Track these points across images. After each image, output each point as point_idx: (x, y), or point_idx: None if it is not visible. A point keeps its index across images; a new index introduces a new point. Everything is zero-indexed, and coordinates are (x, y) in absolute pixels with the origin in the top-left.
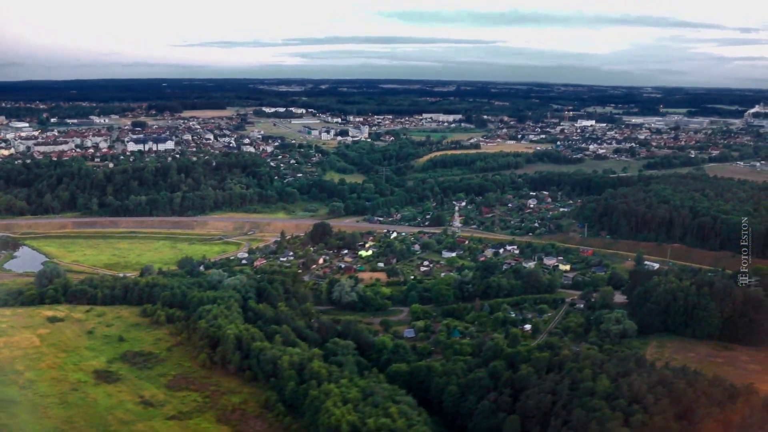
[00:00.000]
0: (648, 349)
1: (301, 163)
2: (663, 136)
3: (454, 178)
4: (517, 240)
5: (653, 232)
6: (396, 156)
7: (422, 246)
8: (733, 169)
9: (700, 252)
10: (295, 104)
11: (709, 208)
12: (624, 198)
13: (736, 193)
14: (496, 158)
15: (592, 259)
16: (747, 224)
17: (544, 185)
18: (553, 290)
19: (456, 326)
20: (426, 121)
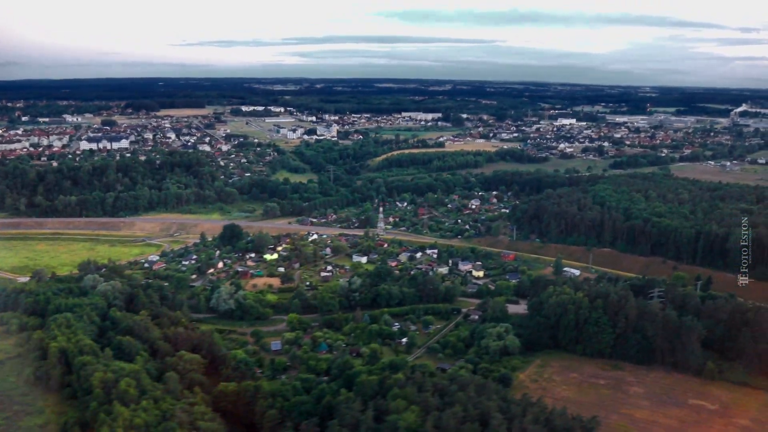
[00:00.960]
0: (529, 368)
1: (252, 162)
2: (641, 134)
3: (405, 177)
4: (440, 243)
5: (583, 235)
6: (353, 155)
7: (333, 250)
8: (702, 168)
9: (629, 257)
10: (276, 103)
11: (643, 210)
12: (555, 199)
13: (679, 194)
14: (455, 157)
15: (509, 265)
16: (676, 228)
17: (496, 185)
18: (452, 299)
19: (327, 339)
20: (404, 120)
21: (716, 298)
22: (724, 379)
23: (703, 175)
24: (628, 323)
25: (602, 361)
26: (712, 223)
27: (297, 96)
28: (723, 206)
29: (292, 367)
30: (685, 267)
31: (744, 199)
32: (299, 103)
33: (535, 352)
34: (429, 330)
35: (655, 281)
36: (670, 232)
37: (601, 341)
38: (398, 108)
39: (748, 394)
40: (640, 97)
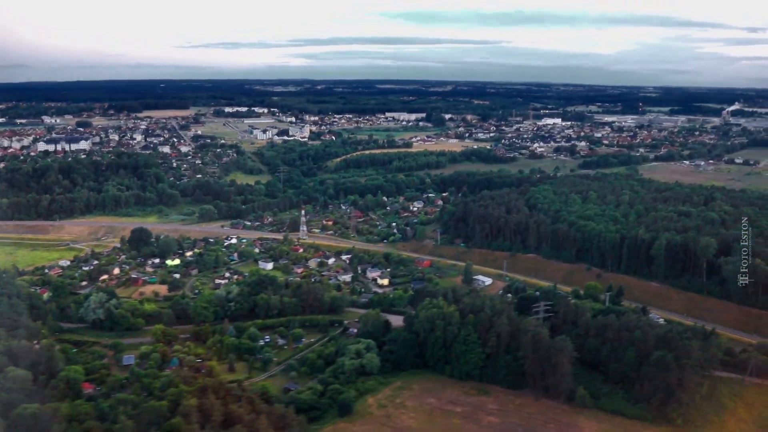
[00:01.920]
0: (384, 391)
1: (207, 163)
2: (623, 134)
3: (358, 179)
4: (359, 248)
5: (508, 240)
6: (314, 156)
7: (240, 255)
8: (674, 168)
9: (553, 264)
10: (262, 104)
11: (573, 213)
12: (483, 201)
13: (619, 195)
14: (416, 158)
15: (419, 272)
16: (600, 232)
17: (451, 186)
18: (339, 310)
19: (182, 353)
20: (387, 120)
21: (621, 312)
22: (599, 407)
23: (672, 175)
24: (499, 342)
25: (470, 385)
26: (639, 228)
27: (287, 97)
28: (661, 208)
29: (131, 384)
30: (609, 275)
31: (690, 200)
32: (285, 104)
33: (400, 372)
34: (299, 344)
35: (552, 293)
36: (594, 237)
37: (469, 362)
38: (384, 108)
39: (617, 426)
40: (640, 98)
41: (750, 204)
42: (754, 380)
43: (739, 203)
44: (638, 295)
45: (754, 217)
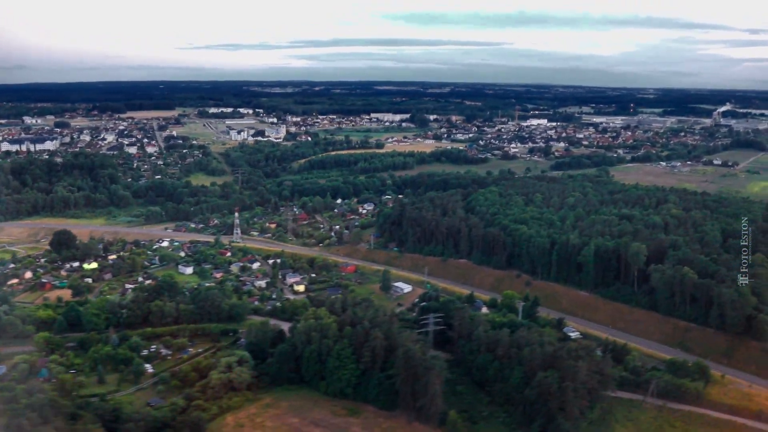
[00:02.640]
0: (248, 408)
1: (169, 164)
2: (606, 135)
3: (318, 180)
4: (289, 252)
5: (441, 244)
6: (280, 157)
7: (161, 259)
8: (649, 169)
9: (484, 270)
10: (249, 105)
11: (508, 216)
12: (419, 203)
13: (566, 197)
14: (383, 159)
15: (337, 279)
16: (530, 237)
17: (411, 187)
18: (240, 318)
19: (59, 363)
20: (370, 121)
21: (521, 325)
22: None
23: (644, 176)
24: (374, 358)
25: (343, 404)
26: (572, 232)
27: (283, 98)
28: (605, 211)
29: None
30: (539, 282)
31: (641, 203)
32: (271, 105)
33: (276, 388)
34: (184, 355)
35: (450, 304)
36: (524, 242)
37: (342, 379)
38: (371, 109)
39: None
40: (637, 99)
41: (704, 207)
42: (655, 402)
43: (691, 206)
44: (566, 304)
45: (700, 220)
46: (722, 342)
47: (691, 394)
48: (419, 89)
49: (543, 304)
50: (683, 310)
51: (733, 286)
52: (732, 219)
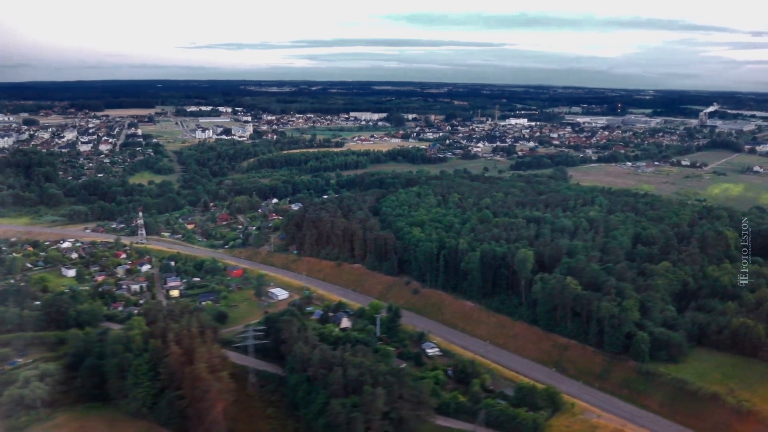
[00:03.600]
0: (34, 429)
1: (115, 162)
2: (582, 135)
3: (259, 180)
4: (184, 254)
5: (337, 248)
6: (232, 155)
7: (46, 260)
8: (612, 169)
9: (376, 276)
10: (230, 103)
11: (408, 218)
12: (320, 204)
13: (482, 198)
14: (336, 158)
15: (217, 282)
16: (419, 241)
17: (354, 187)
18: (92, 325)
19: None
20: (348, 120)
21: (358, 341)
22: None
23: (604, 177)
24: (172, 376)
25: (140, 425)
26: (465, 236)
27: (262, 96)
28: (517, 213)
29: None
30: (427, 290)
31: (564, 204)
32: (252, 104)
33: (79, 405)
34: (7, 366)
35: (284, 315)
36: (412, 247)
37: (137, 397)
38: (352, 108)
39: None
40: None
41: (632, 209)
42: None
43: (617, 208)
44: (449, 315)
45: (615, 224)
46: (599, 362)
47: (527, 425)
48: (416, 89)
49: (427, 315)
50: (564, 325)
51: (616, 299)
52: (655, 223)
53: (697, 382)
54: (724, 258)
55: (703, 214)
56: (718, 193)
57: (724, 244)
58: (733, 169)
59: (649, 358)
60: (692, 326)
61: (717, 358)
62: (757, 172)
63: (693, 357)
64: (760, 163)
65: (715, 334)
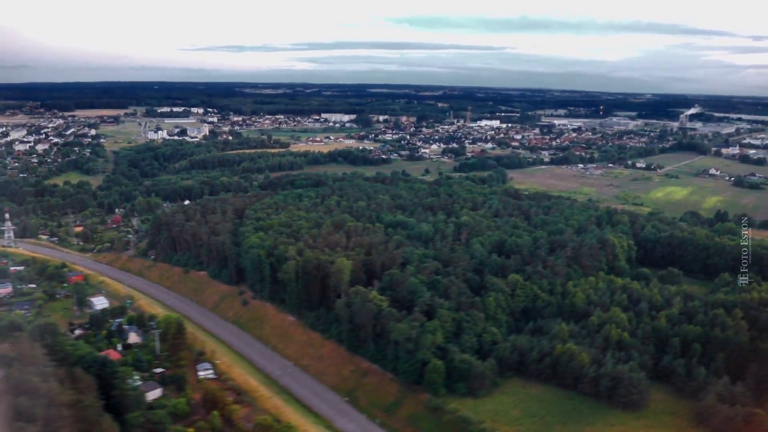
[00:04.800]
0: None
1: (43, 162)
2: (546, 137)
3: (182, 182)
4: (42, 258)
5: (186, 253)
6: (169, 156)
7: None
8: (560, 171)
9: (215, 285)
10: (205, 104)
11: (256, 222)
12: (179, 207)
13: (358, 200)
14: (270, 159)
15: (50, 288)
16: (251, 247)
17: (272, 188)
18: None
19: None
20: (317, 121)
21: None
22: None
23: (545, 179)
24: None
25: None
26: (295, 245)
27: (240, 98)
28: (385, 217)
29: None
30: (257, 302)
31: (447, 208)
32: (225, 105)
33: None
34: None
35: None
36: (244, 254)
37: None
38: (325, 109)
39: None
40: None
41: (521, 213)
42: None
43: (505, 213)
44: (268, 331)
45: (481, 230)
46: (393, 393)
47: None
48: (412, 92)
49: (250, 330)
50: (368, 347)
51: (420, 319)
52: (536, 229)
53: (483, 423)
54: (597, 271)
55: (601, 220)
56: (660, 196)
57: (610, 254)
58: (690, 172)
59: (444, 391)
60: (512, 352)
61: (531, 390)
62: (713, 175)
63: (503, 389)
64: (723, 165)
65: (535, 363)
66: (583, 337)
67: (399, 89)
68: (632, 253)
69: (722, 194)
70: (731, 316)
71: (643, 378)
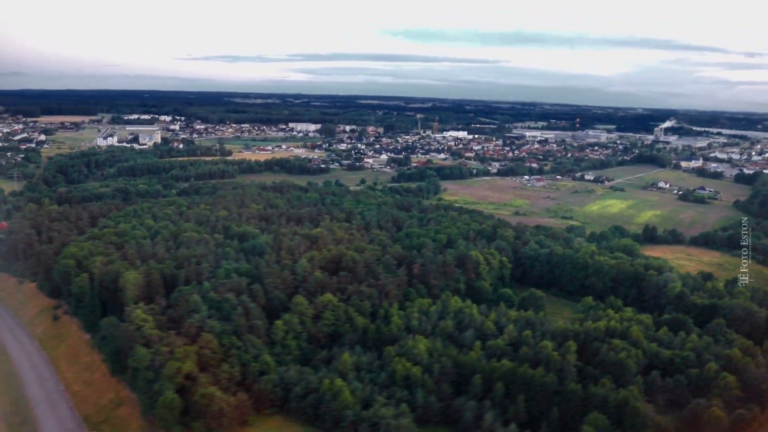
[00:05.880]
0: None
1: None
2: (506, 148)
3: (100, 189)
4: None
5: (23, 263)
6: (102, 162)
7: None
8: (499, 183)
9: (41, 297)
10: (176, 112)
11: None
12: (31, 216)
13: (189, 204)
14: (201, 166)
15: None
16: None
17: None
18: None
19: None
20: (281, 131)
21: None
22: None
23: (481, 191)
24: None
25: None
26: (104, 254)
27: (209, 107)
28: (234, 227)
29: None
30: (66, 318)
31: (317, 218)
32: (192, 113)
33: None
34: None
35: None
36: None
37: None
38: (295, 119)
39: None
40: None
41: (395, 225)
42: None
43: (375, 225)
44: (64, 351)
45: (329, 242)
46: (137, 429)
47: None
48: (401, 104)
49: (48, 349)
50: (127, 373)
51: (176, 342)
52: (394, 244)
53: None
54: (449, 291)
55: (484, 234)
56: (595, 209)
57: (472, 272)
58: (639, 185)
59: (179, 429)
60: (275, 386)
61: None
62: (661, 189)
63: (257, 428)
64: (678, 179)
65: (298, 399)
66: (369, 371)
67: (389, 101)
68: (505, 271)
69: (662, 208)
70: (560, 350)
71: (408, 424)
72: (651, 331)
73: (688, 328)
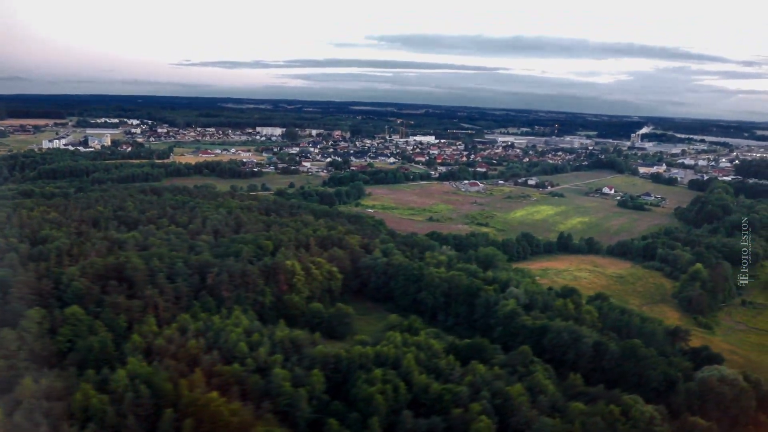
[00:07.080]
0: None
1: None
2: (464, 152)
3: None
4: None
5: None
6: (26, 165)
7: None
8: (434, 187)
9: None
10: (149, 116)
11: None
12: None
13: None
14: (123, 170)
15: None
16: None
17: None
18: None
19: None
20: (246, 134)
21: None
22: None
23: (407, 195)
24: None
25: None
26: None
27: (184, 110)
28: None
29: None
30: None
31: None
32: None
33: None
34: None
35: None
36: None
37: None
38: (264, 123)
39: None
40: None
41: (232, 229)
42: None
43: (209, 229)
44: None
45: (147, 246)
46: None
47: None
48: (394, 110)
49: None
50: None
51: None
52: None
53: None
54: (245, 303)
55: (331, 240)
56: (518, 216)
57: (283, 283)
58: (583, 190)
59: None
60: None
61: None
62: (605, 194)
63: None
64: (629, 184)
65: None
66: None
67: (384, 106)
68: (333, 283)
69: (594, 215)
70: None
71: None
72: (436, 359)
73: (488, 355)
